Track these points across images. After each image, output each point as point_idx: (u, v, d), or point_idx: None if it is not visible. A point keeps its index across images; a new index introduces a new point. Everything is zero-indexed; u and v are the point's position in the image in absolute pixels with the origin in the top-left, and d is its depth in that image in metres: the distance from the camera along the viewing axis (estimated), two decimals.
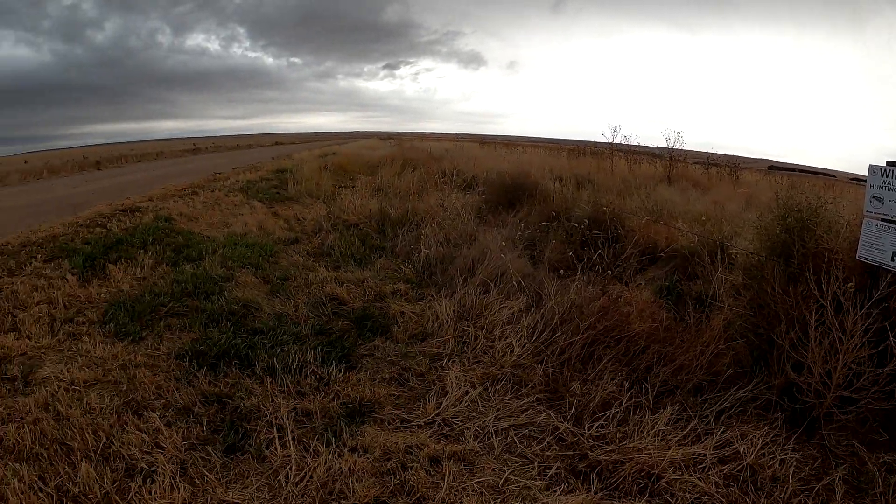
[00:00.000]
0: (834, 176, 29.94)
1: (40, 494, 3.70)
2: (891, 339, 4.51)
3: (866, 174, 5.13)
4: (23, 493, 3.68)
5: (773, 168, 36.67)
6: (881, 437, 4.60)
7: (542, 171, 16.78)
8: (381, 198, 14.37)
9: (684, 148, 21.33)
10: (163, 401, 4.83)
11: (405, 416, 4.70)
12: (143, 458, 4.06)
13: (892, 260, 4.77)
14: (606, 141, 22.18)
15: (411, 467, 3.99)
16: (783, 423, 4.63)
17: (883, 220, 4.91)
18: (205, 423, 4.49)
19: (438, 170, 18.63)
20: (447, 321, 6.37)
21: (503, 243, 8.39)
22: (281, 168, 24.13)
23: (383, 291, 7.49)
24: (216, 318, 6.45)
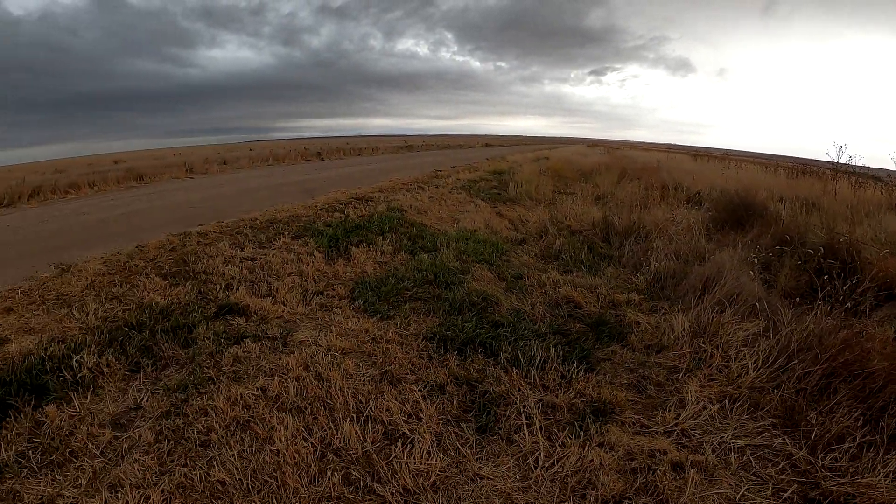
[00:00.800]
0: None
1: (304, 443, 4.08)
2: None
3: None
4: (288, 439, 4.07)
5: None
6: None
7: (762, 190, 16.09)
8: (602, 206, 14.25)
9: None
10: (415, 376, 5.13)
11: (644, 422, 4.71)
12: (403, 424, 4.35)
13: None
14: (827, 160, 20.73)
15: (656, 469, 4.02)
16: None
17: None
18: (456, 402, 4.74)
19: (658, 182, 18.25)
20: (682, 336, 6.27)
21: (737, 264, 8.17)
22: (497, 170, 24.35)
23: (616, 300, 7.45)
24: (458, 307, 6.69)
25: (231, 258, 8.13)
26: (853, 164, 19.11)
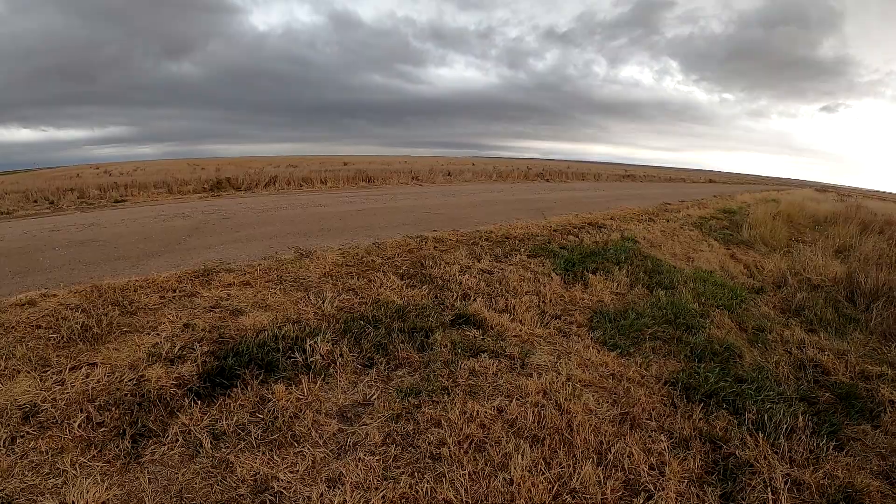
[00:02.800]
0: None
1: (540, 477, 3.93)
2: None
3: None
4: (524, 469, 3.97)
5: None
6: None
7: None
8: (844, 260, 13.50)
9: None
10: (656, 423, 4.94)
11: None
12: (646, 477, 4.15)
13: None
14: None
15: None
16: None
17: None
18: (699, 460, 4.48)
19: None
20: None
21: None
22: (727, 208, 23.65)
23: (868, 371, 6.95)
24: (700, 354, 6.47)
25: (467, 268, 8.34)
26: None
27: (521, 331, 6.54)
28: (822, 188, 75.72)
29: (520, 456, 4.10)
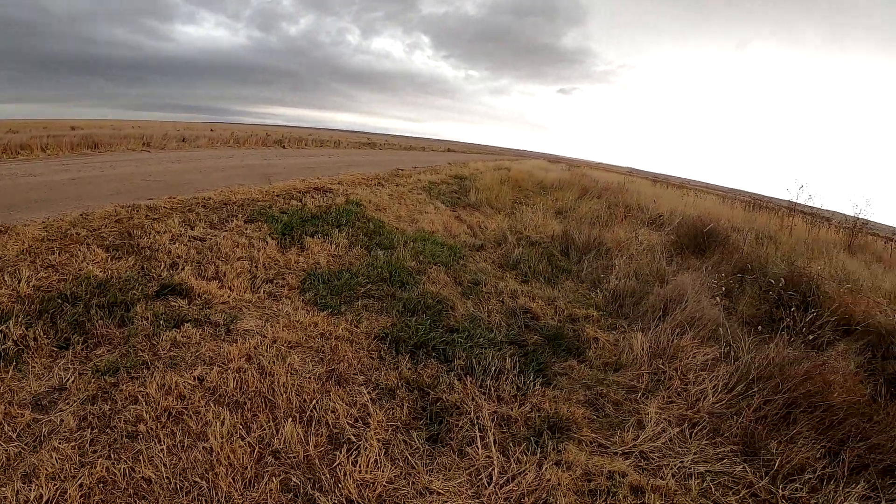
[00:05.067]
0: None
1: (241, 442, 3.78)
2: None
3: None
4: (223, 437, 3.78)
5: None
6: None
7: (723, 219, 16.31)
8: (563, 220, 14.27)
9: (867, 217, 20.16)
10: (364, 377, 4.90)
11: (602, 442, 4.59)
12: (349, 429, 4.11)
13: None
14: (784, 196, 21.30)
15: (616, 493, 3.89)
16: None
17: None
18: (406, 408, 4.51)
19: (623, 202, 18.37)
20: (641, 356, 6.20)
21: (698, 288, 8.11)
22: (459, 175, 24.39)
23: (575, 314, 7.34)
24: (412, 308, 6.49)
25: (179, 236, 7.79)
26: (810, 203, 19.62)
27: (229, 297, 6.20)
28: (555, 160, 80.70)
29: (219, 423, 3.93)
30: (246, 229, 8.53)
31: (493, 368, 5.23)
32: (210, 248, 7.46)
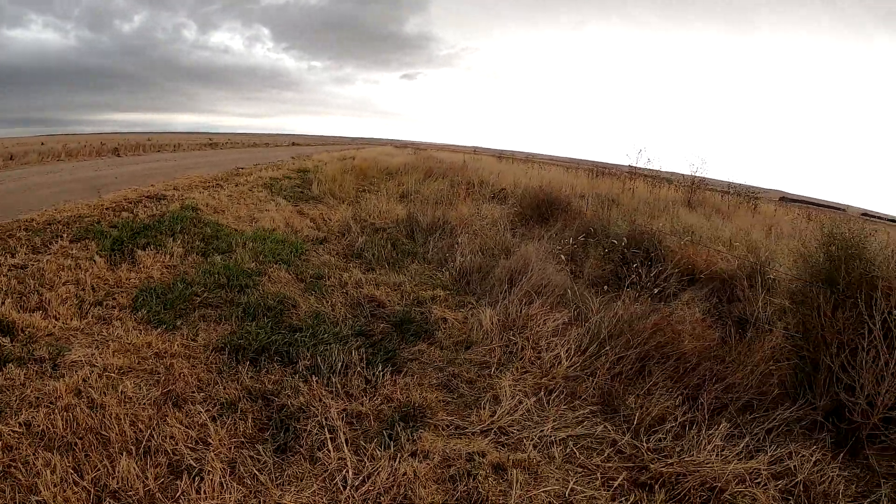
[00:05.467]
0: (844, 210, 30.00)
1: (75, 488, 3.46)
2: None
3: (877, 210, 5.36)
4: (56, 485, 3.45)
5: (785, 199, 36.71)
6: None
7: (565, 188, 16.79)
8: (407, 203, 14.29)
9: (703, 174, 21.52)
10: (203, 394, 4.65)
11: (459, 423, 4.58)
12: (189, 454, 3.85)
13: None
14: (625, 163, 22.41)
15: (476, 474, 3.86)
16: (829, 443, 4.81)
17: None
18: (250, 420, 4.31)
19: (465, 180, 18.54)
20: (492, 330, 6.25)
21: (543, 256, 8.24)
22: (302, 168, 24.10)
23: (422, 297, 7.34)
24: (252, 313, 6.28)
25: None
26: (650, 167, 20.80)
27: (55, 328, 5.73)
28: (402, 145, 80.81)
29: (49, 472, 3.53)
30: (72, 250, 8.00)
31: (340, 364, 5.11)
32: (33, 275, 6.93)
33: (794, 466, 4.34)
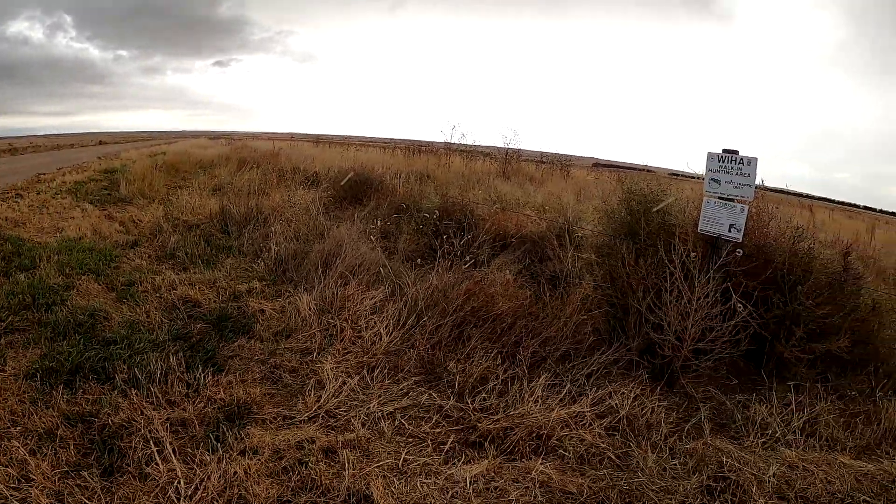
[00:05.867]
0: (654, 171, 32.04)
1: None
2: (734, 297, 5.27)
3: (681, 170, 6.06)
4: None
5: (597, 165, 38.83)
6: (732, 381, 5.71)
7: (381, 168, 17.03)
8: (220, 197, 14.03)
9: (518, 146, 22.50)
10: (19, 427, 4.35)
11: (287, 413, 4.66)
12: (13, 495, 3.64)
13: (729, 231, 5.59)
14: (441, 140, 23.06)
15: (307, 462, 3.96)
16: (646, 379, 5.47)
17: (720, 198, 5.69)
18: (72, 447, 4.10)
19: (277, 167, 18.42)
20: (310, 315, 6.37)
21: (356, 236, 8.42)
22: (109, 168, 23.17)
23: (238, 291, 7.36)
24: (62, 331, 5.96)
25: None
26: (464, 142, 21.54)
27: None
28: (216, 137, 78.34)
29: None
30: None
31: (159, 372, 5.02)
32: None
33: (616, 404, 4.80)
